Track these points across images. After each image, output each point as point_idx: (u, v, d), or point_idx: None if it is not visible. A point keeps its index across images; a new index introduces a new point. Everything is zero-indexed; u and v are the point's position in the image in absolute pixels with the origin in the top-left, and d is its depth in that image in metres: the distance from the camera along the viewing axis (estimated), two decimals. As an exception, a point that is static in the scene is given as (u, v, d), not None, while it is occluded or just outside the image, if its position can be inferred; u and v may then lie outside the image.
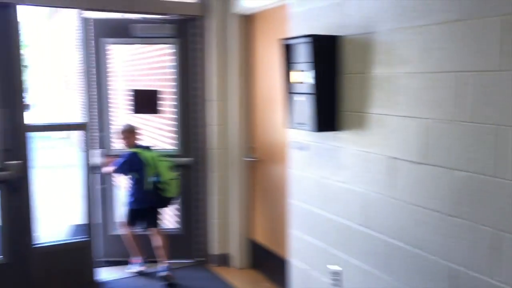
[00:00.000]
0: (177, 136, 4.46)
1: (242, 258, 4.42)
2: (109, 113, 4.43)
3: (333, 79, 2.88)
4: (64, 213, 6.70)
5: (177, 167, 4.32)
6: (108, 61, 4.36)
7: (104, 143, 4.38)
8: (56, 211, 6.81)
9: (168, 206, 4.28)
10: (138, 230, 4.22)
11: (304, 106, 2.94)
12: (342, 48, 2.84)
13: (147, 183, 3.99)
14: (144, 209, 4.11)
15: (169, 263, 4.12)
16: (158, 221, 4.17)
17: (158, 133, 6.05)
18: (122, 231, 4.29)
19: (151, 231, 4.18)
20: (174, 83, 4.42)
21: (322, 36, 2.88)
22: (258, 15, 4.09)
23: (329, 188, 3.01)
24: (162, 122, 5.86)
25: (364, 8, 2.65)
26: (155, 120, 6.12)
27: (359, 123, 2.74)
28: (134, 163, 4.01)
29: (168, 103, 5.14)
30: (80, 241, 4.08)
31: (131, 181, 4.10)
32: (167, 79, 5.56)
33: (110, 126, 4.41)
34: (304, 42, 2.89)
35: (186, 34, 4.34)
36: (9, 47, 3.65)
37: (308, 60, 2.86)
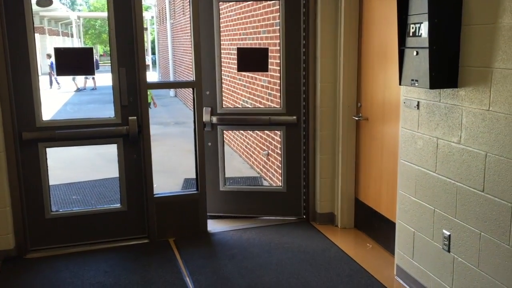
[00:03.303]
0: (283, 94, 4.45)
1: (346, 217, 4.39)
2: (218, 72, 4.47)
3: (453, 31, 2.67)
4: (177, 168, 7.14)
5: (282, 125, 4.44)
6: (219, 19, 4.40)
7: (212, 101, 4.48)
8: (170, 165, 7.27)
9: None
10: None
11: (419, 61, 2.79)
12: (465, -3, 2.61)
13: None
14: None
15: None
16: None
17: (264, 92, 6.14)
18: None
19: None
20: (281, 41, 4.38)
21: (440, -17, 2.66)
22: (370, -34, 3.88)
23: (444, 148, 2.84)
24: (269, 81, 5.92)
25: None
26: (262, 78, 6.20)
27: (482, 79, 2.52)
28: None
29: (275, 61, 5.15)
30: (193, 193, 4.30)
31: None
32: (274, 37, 5.56)
33: (219, 85, 4.47)
34: (420, -8, 2.70)
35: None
36: (130, 9, 3.84)
37: (424, 11, 2.69)
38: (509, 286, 2.43)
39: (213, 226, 4.45)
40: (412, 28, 2.85)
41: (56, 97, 15.38)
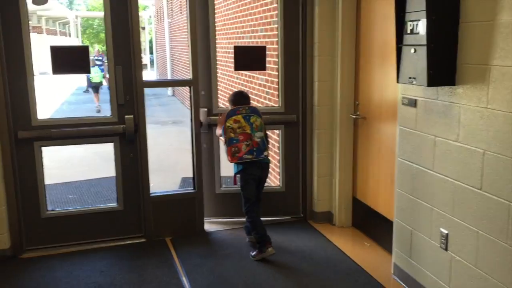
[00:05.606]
0: (281, 93, 4.42)
1: (344, 216, 4.38)
2: (214, 72, 4.31)
3: (451, 29, 2.66)
4: (175, 166, 7.12)
5: (280, 124, 4.41)
6: (214, 18, 4.32)
7: (208, 102, 4.31)
8: (168, 164, 7.26)
9: None
10: None
11: (416, 59, 2.77)
12: (463, -7, 2.59)
13: None
14: None
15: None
16: None
17: (262, 90, 6.12)
18: None
19: None
20: (279, 39, 4.35)
21: (438, -20, 2.64)
22: (367, -37, 3.86)
23: (441, 146, 2.83)
24: (266, 79, 5.89)
25: None
26: (259, 77, 6.18)
27: (480, 76, 2.51)
28: None
29: (273, 60, 5.12)
30: (190, 192, 4.28)
31: None
32: (272, 35, 5.54)
33: (214, 85, 4.32)
34: (418, -11, 2.69)
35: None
36: (126, 7, 3.83)
37: (422, 8, 2.67)
38: (507, 285, 2.41)
39: (210, 225, 4.42)
40: (410, 25, 2.83)
41: (55, 96, 15.34)
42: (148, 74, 23.85)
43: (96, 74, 13.22)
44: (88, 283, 3.40)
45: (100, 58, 13.22)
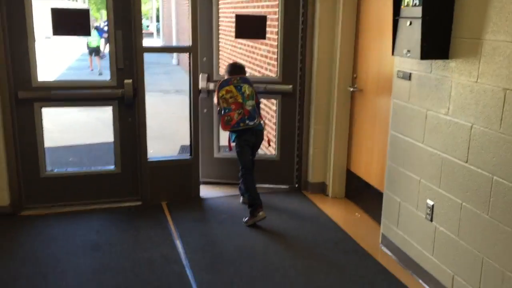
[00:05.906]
0: (279, 63, 4.44)
1: (337, 187, 4.44)
2: (216, 39, 4.43)
3: (447, 2, 2.66)
4: (176, 134, 7.19)
5: (277, 94, 4.46)
6: None
7: (209, 68, 4.45)
8: (169, 132, 7.32)
9: None
10: None
11: (412, 31, 2.78)
12: (460, -33, 2.59)
13: None
14: None
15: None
16: None
17: (263, 61, 6.12)
18: None
19: None
20: (280, 9, 4.34)
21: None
22: None
23: (432, 120, 2.86)
24: (268, 50, 5.89)
25: None
26: (261, 47, 6.18)
27: (472, 50, 2.52)
28: None
29: (275, 30, 5.11)
30: (186, 159, 4.35)
31: None
32: (276, 5, 5.51)
33: (216, 51, 4.44)
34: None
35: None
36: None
37: (419, -19, 2.67)
38: (486, 255, 2.49)
39: (206, 191, 4.51)
40: (407, -3, 2.83)
41: (60, 61, 15.36)
42: (154, 42, 23.73)
43: (94, 39, 13.26)
44: (84, 241, 3.51)
45: None
